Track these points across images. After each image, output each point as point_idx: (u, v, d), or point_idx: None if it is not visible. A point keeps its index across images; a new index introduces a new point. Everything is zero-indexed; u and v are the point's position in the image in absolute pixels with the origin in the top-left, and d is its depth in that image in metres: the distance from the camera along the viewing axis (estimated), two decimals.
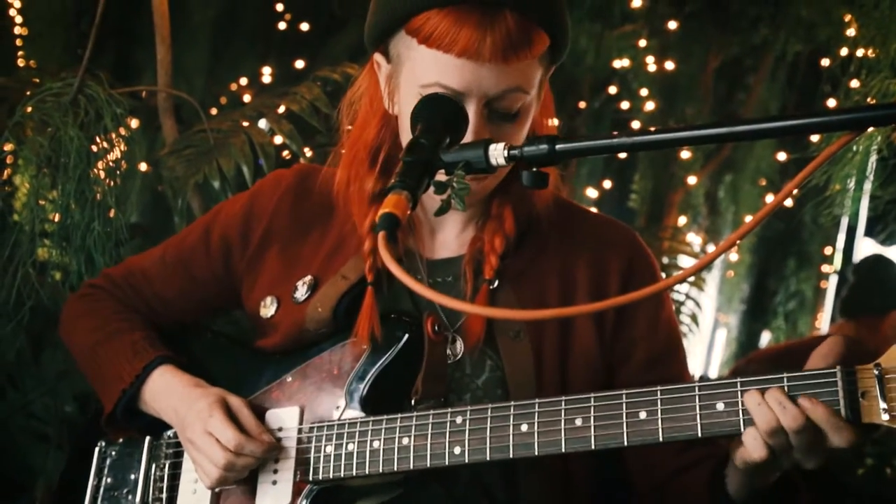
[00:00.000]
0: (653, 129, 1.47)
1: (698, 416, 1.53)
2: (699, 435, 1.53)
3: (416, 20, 1.68)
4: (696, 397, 1.54)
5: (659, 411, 1.55)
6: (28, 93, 2.93)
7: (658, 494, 1.86)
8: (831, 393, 1.46)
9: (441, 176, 1.53)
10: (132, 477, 1.99)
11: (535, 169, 1.52)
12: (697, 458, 1.76)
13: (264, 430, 1.82)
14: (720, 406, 1.52)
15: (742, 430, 1.51)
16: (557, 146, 1.49)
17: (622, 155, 5.97)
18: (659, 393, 1.56)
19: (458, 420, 1.67)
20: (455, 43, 1.64)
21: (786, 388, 1.48)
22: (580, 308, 1.29)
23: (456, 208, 1.54)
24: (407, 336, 1.78)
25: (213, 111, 4.62)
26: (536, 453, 1.62)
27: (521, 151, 1.50)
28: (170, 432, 1.98)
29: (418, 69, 1.69)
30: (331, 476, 1.76)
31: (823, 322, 6.93)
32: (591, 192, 5.65)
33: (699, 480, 1.74)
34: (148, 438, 1.99)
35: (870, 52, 2.93)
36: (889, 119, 1.33)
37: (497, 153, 1.51)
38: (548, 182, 1.55)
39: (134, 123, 3.13)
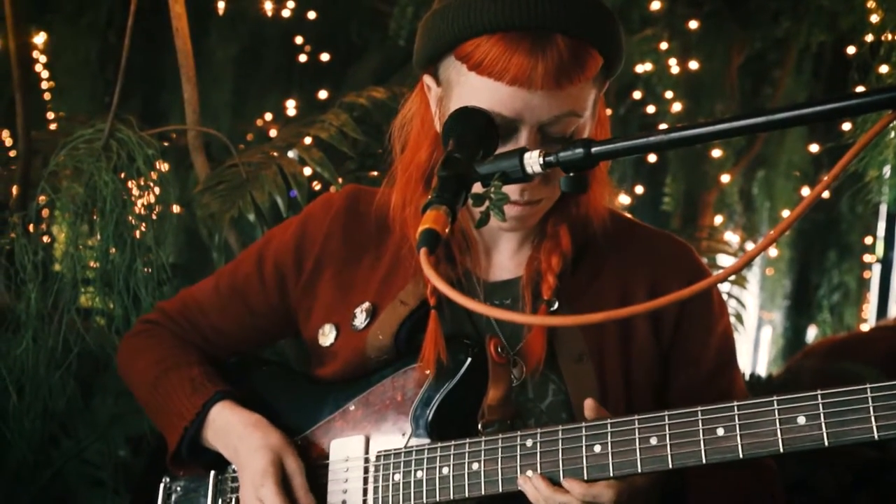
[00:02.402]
0: (689, 124, 1.45)
1: (779, 431, 1.48)
2: (781, 450, 1.48)
3: (466, 46, 1.66)
4: (776, 411, 1.49)
5: (737, 427, 1.51)
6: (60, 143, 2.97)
7: None
8: None
9: (479, 189, 1.53)
10: None
11: (572, 174, 1.51)
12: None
13: (313, 502, 1.81)
14: (801, 420, 1.47)
15: (826, 443, 1.46)
16: (593, 149, 1.47)
17: (652, 158, 5.95)
18: (736, 408, 1.52)
19: (529, 443, 1.65)
20: (506, 71, 1.62)
21: (869, 400, 1.42)
22: (635, 308, 1.27)
23: (495, 219, 1.53)
24: (470, 360, 1.76)
25: (241, 148, 4.65)
26: (612, 474, 1.58)
27: (557, 157, 1.48)
28: (234, 465, 1.96)
29: (468, 96, 1.67)
30: None
31: (870, 313, 6.84)
32: (624, 199, 5.61)
33: None
34: (213, 473, 1.98)
35: None
36: None
37: (532, 161, 1.49)
38: (587, 186, 1.54)
39: (164, 167, 3.15)
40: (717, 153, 5.56)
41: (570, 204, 1.82)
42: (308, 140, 3.16)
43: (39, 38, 4.20)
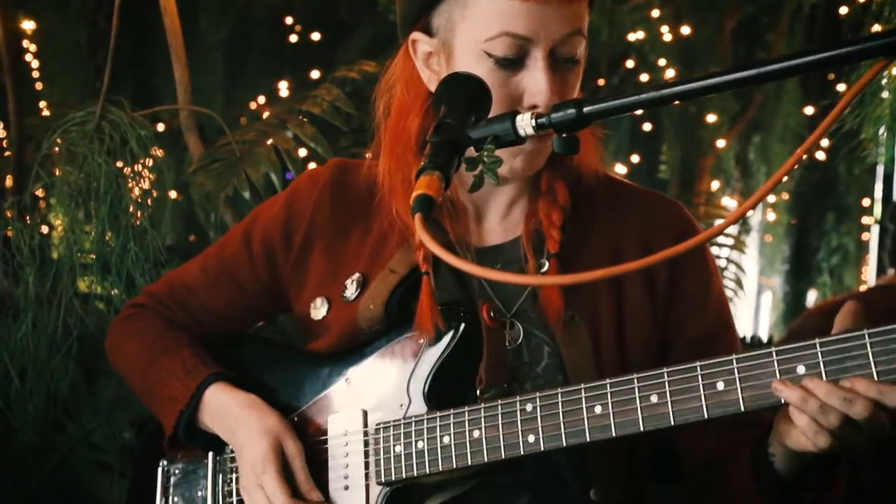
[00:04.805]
0: (680, 79, 1.44)
1: None
2: (782, 401, 1.47)
3: None
4: (775, 362, 1.47)
5: (737, 380, 1.49)
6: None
7: (705, 473, 1.82)
8: None
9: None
10: (199, 494, 1.97)
11: (564, 134, 1.51)
12: (745, 438, 1.72)
13: (314, 487, 1.80)
14: (801, 369, 1.45)
15: None
16: (585, 109, 1.46)
17: (647, 127, 5.93)
18: (735, 362, 1.50)
19: (529, 408, 1.63)
20: None
21: (868, 346, 1.40)
22: (631, 265, 1.27)
23: (489, 182, 1.53)
24: (463, 326, 1.75)
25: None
26: (614, 434, 1.57)
27: (550, 118, 1.48)
28: (231, 447, 1.95)
29: (479, 24, 1.67)
30: (403, 476, 1.73)
31: (869, 275, 6.85)
32: (620, 168, 5.61)
33: (744, 459, 1.70)
34: (211, 454, 1.96)
35: None
36: None
37: (524, 123, 1.49)
38: (579, 147, 1.54)
39: (159, 153, 3.15)
40: (711, 118, 5.55)
41: (562, 159, 1.81)
42: (301, 116, 3.16)
43: (28, 25, 4.18)
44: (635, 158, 6.06)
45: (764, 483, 1.65)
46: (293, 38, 5.76)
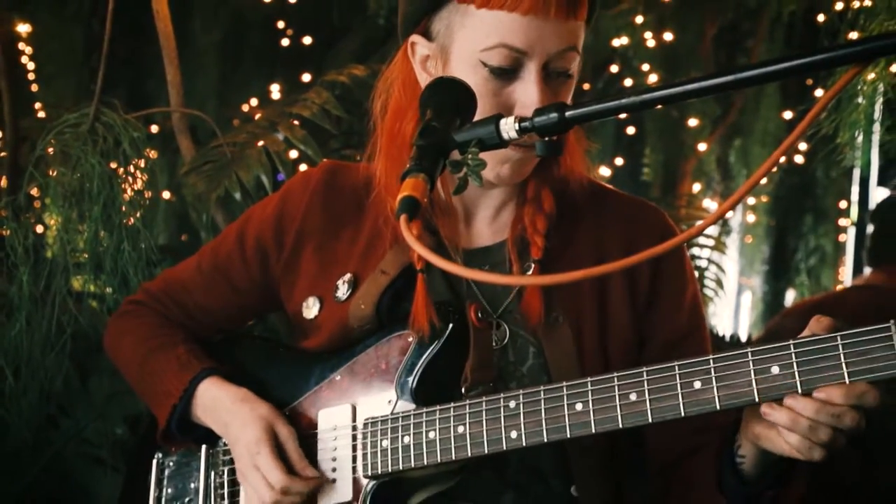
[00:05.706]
0: (660, 84, 1.47)
1: (754, 382, 1.50)
2: (756, 400, 1.51)
3: None
4: (750, 362, 1.51)
5: (713, 379, 1.53)
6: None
7: (667, 474, 1.87)
8: (887, 348, 1.42)
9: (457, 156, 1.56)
10: (192, 486, 2.02)
11: (546, 138, 1.55)
12: (709, 441, 1.77)
13: (308, 465, 1.84)
14: (775, 369, 1.49)
15: (799, 391, 1.48)
16: (567, 113, 1.48)
17: (631, 131, 5.98)
18: (712, 362, 1.54)
19: (512, 404, 1.67)
20: (521, 1, 1.67)
21: (840, 348, 1.45)
22: (612, 265, 1.30)
23: (474, 184, 1.57)
24: (451, 326, 1.78)
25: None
26: (594, 431, 1.61)
27: (532, 122, 1.50)
28: (225, 440, 1.99)
29: (477, 34, 1.70)
30: (389, 470, 1.77)
31: (846, 275, 6.91)
32: (604, 171, 5.67)
33: (707, 462, 1.75)
34: (204, 447, 2.01)
35: (866, 0, 2.94)
36: (893, 48, 1.28)
37: (508, 127, 1.51)
38: (562, 150, 1.58)
39: (152, 155, 3.18)
40: (693, 122, 5.61)
41: (550, 167, 1.86)
42: (291, 119, 3.19)
43: (23, 28, 4.21)
44: (619, 161, 6.11)
45: (728, 484, 1.69)
46: (285, 42, 5.79)
